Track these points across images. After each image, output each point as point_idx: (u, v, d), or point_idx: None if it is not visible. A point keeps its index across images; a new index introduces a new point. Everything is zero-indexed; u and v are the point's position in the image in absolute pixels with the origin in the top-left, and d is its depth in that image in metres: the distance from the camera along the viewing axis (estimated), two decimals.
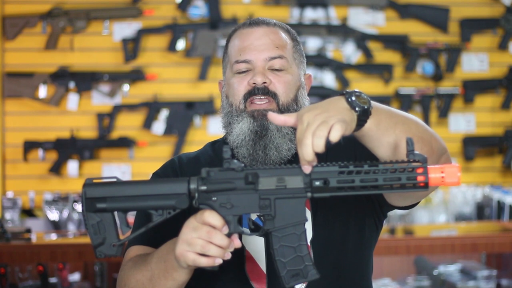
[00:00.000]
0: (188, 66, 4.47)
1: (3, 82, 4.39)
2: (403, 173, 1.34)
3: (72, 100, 4.40)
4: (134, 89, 4.44)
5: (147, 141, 4.42)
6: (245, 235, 1.44)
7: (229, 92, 1.73)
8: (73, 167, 4.35)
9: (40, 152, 4.35)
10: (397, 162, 1.36)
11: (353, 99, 1.40)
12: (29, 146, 4.35)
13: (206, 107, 4.41)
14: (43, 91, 4.38)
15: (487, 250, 3.40)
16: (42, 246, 3.31)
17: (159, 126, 4.40)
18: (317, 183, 1.37)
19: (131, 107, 4.40)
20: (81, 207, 1.44)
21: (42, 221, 4.23)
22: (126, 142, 4.38)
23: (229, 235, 1.40)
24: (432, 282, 3.62)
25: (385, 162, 1.37)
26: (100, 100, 4.43)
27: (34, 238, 3.43)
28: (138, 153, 4.44)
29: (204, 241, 1.38)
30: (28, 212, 4.33)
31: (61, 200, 4.19)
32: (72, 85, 4.39)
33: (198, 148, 1.83)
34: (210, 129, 4.45)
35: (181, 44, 4.43)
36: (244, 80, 1.70)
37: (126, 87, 4.43)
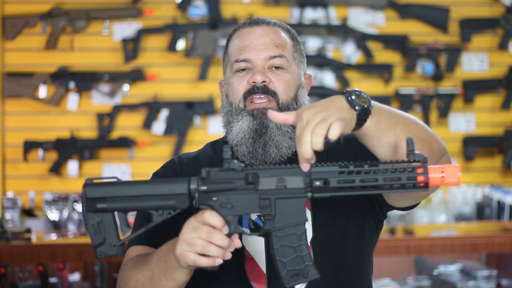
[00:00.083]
0: (188, 66, 4.47)
1: (3, 82, 4.39)
2: (403, 173, 1.34)
3: (72, 100, 4.39)
4: (134, 89, 4.44)
5: (147, 141, 4.42)
6: (245, 235, 1.44)
7: (229, 91, 1.73)
8: (73, 167, 4.35)
9: (40, 152, 4.35)
10: (397, 162, 1.36)
11: (353, 98, 1.40)
12: (29, 146, 4.35)
13: (206, 107, 4.41)
14: (43, 91, 4.38)
15: (487, 250, 3.40)
16: (42, 246, 3.31)
17: (159, 126, 4.40)
18: (317, 183, 1.37)
19: (131, 107, 4.40)
20: (81, 207, 1.44)
21: (42, 221, 4.23)
22: (126, 142, 4.38)
23: (229, 235, 1.40)
24: (432, 282, 3.62)
25: (385, 162, 1.37)
26: (100, 100, 4.43)
27: (34, 238, 3.42)
28: (138, 153, 4.43)
29: (204, 241, 1.38)
30: (28, 212, 4.33)
31: (61, 200, 4.18)
32: (72, 85, 4.39)
33: (198, 148, 1.83)
34: (210, 129, 4.45)
35: (181, 44, 4.43)
36: (244, 79, 1.70)
37: (126, 87, 4.42)
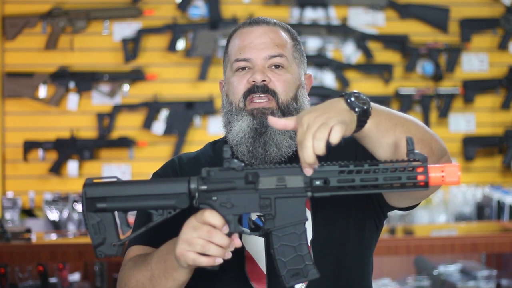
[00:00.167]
0: (188, 66, 4.47)
1: (3, 82, 4.39)
2: (403, 172, 1.34)
3: (72, 100, 4.39)
4: (134, 89, 4.44)
5: (147, 141, 4.42)
6: (245, 234, 1.44)
7: (229, 91, 1.73)
8: (73, 167, 4.35)
9: (40, 152, 4.35)
10: (397, 162, 1.36)
11: (352, 100, 1.40)
12: (29, 146, 4.35)
13: (206, 107, 4.41)
14: (43, 91, 4.38)
15: (487, 250, 3.40)
16: (42, 246, 3.31)
17: (159, 126, 4.40)
18: (318, 183, 1.37)
19: (131, 107, 4.40)
20: (81, 207, 1.44)
21: (42, 221, 4.22)
22: (126, 142, 4.37)
23: (229, 235, 1.40)
24: (432, 282, 3.62)
25: (385, 162, 1.37)
26: (100, 100, 4.43)
27: (34, 238, 3.42)
28: (138, 153, 4.43)
29: (205, 240, 1.38)
30: (28, 212, 4.33)
31: (61, 200, 4.18)
32: (72, 85, 4.39)
33: (198, 148, 1.83)
34: (210, 129, 4.45)
35: (181, 44, 4.43)
36: (244, 78, 1.70)
37: (126, 87, 4.42)
